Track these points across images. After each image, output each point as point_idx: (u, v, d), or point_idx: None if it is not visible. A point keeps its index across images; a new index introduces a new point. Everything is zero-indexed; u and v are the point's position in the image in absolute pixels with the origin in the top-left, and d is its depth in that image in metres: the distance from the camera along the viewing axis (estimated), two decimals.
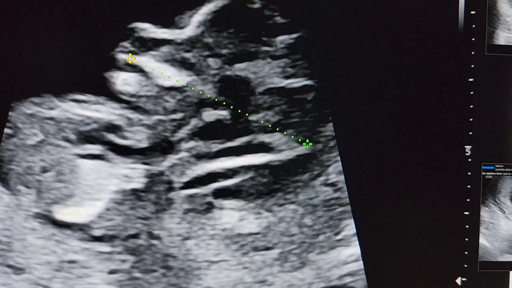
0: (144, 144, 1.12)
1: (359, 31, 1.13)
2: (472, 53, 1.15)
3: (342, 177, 1.15)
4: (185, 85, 1.13)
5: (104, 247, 1.11)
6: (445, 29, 1.14)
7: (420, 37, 1.14)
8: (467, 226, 1.17)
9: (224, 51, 1.13)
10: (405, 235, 1.16)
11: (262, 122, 1.14)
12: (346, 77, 1.14)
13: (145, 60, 1.12)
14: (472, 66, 1.15)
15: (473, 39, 1.15)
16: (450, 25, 1.14)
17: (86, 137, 1.12)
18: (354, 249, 1.15)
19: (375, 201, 1.15)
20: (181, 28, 1.12)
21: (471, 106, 1.16)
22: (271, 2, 1.12)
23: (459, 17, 1.15)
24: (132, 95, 1.12)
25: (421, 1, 1.13)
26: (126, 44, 1.12)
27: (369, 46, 1.14)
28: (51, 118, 1.11)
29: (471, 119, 1.16)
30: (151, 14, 1.11)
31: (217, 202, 1.13)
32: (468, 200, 1.17)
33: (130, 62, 1.12)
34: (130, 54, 1.12)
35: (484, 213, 1.18)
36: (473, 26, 1.15)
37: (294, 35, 1.13)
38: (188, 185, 1.13)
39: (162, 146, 1.13)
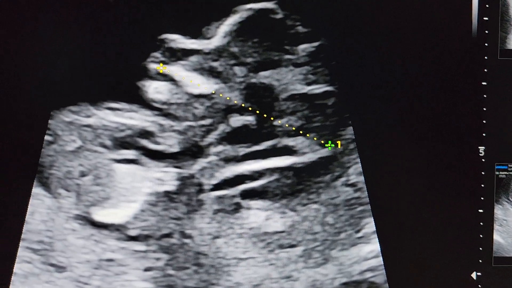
0: (175, 149, 1.16)
1: (376, 39, 1.16)
2: (485, 57, 1.17)
3: (362, 178, 1.17)
4: (213, 92, 1.17)
5: (139, 246, 1.15)
6: (459, 35, 1.16)
7: (435, 43, 1.16)
8: (481, 223, 1.19)
9: (249, 60, 1.16)
10: (422, 232, 1.18)
11: (286, 126, 1.18)
12: (365, 83, 1.17)
13: (175, 70, 1.16)
14: (485, 70, 1.17)
15: (486, 44, 1.17)
16: (464, 31, 1.16)
17: (121, 143, 1.16)
18: (374, 246, 1.17)
19: (394, 200, 1.18)
20: (209, 38, 1.16)
21: (484, 109, 1.18)
22: (293, 13, 1.15)
23: (473, 24, 1.16)
24: (164, 103, 1.16)
25: (436, 10, 1.15)
26: (157, 54, 1.15)
27: (386, 53, 1.16)
28: (88, 126, 1.15)
29: (484, 121, 1.18)
30: (180, 25, 1.15)
31: (245, 203, 1.17)
32: (482, 198, 1.19)
33: (161, 72, 1.15)
34: (161, 64, 1.15)
35: (498, 211, 1.20)
36: (486, 32, 1.17)
37: (315, 44, 1.16)
38: (217, 187, 1.16)
39: (192, 151, 1.16)
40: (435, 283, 1.19)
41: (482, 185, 1.19)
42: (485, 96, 1.18)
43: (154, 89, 1.16)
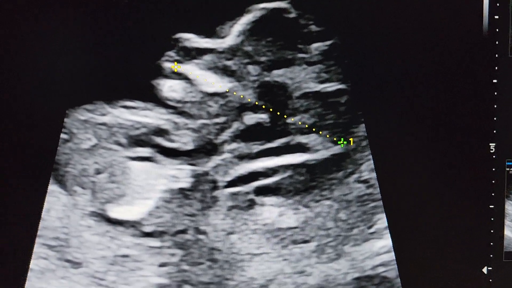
0: (190, 147, 1.17)
1: (387, 37, 1.17)
2: (496, 55, 1.18)
3: (374, 174, 1.18)
4: (227, 90, 1.18)
5: (154, 242, 1.17)
6: (471, 34, 1.17)
7: (447, 42, 1.17)
8: (492, 219, 1.20)
9: (263, 59, 1.17)
10: (434, 227, 1.19)
11: (299, 124, 1.19)
12: (377, 81, 1.17)
13: (190, 68, 1.17)
14: (496, 68, 1.18)
15: (497, 43, 1.18)
16: (475, 30, 1.17)
17: (136, 141, 1.17)
18: (386, 241, 1.18)
19: (405, 196, 1.19)
20: (223, 37, 1.16)
21: (495, 106, 1.18)
22: (306, 12, 1.16)
23: (484, 22, 1.17)
24: (178, 101, 1.17)
25: (447, 8, 1.16)
26: (171, 53, 1.16)
27: (397, 52, 1.17)
28: (103, 124, 1.17)
29: (495, 118, 1.19)
30: (194, 25, 1.16)
31: (258, 199, 1.18)
32: (493, 194, 1.20)
33: (175, 70, 1.16)
34: (176, 63, 1.16)
35: (509, 206, 1.20)
36: (497, 30, 1.17)
37: (328, 42, 1.17)
38: (231, 183, 1.18)
39: (207, 148, 1.17)
40: (447, 278, 1.21)
41: (493, 181, 1.20)
42: (495, 93, 1.19)
43: (169, 88, 1.17)
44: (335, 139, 1.19)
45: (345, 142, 1.19)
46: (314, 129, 1.18)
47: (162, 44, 1.16)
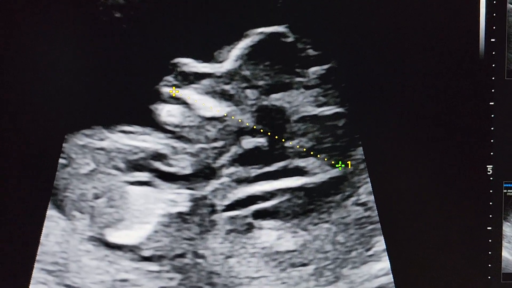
0: (188, 171, 1.17)
1: (384, 60, 1.17)
2: (493, 78, 1.18)
3: (372, 197, 1.18)
4: (225, 115, 1.18)
5: (153, 266, 1.16)
6: (467, 57, 1.17)
7: (444, 65, 1.17)
8: (490, 240, 1.20)
9: (260, 83, 1.17)
10: (432, 249, 1.19)
11: (297, 147, 1.18)
12: (374, 104, 1.17)
13: (188, 93, 1.16)
14: (493, 90, 1.18)
15: (493, 65, 1.18)
16: (471, 53, 1.17)
17: (135, 165, 1.17)
18: (384, 264, 1.18)
19: (403, 219, 1.18)
20: (220, 62, 1.16)
21: (492, 128, 1.19)
22: (303, 36, 1.16)
23: (480, 45, 1.17)
24: (176, 126, 1.17)
25: (444, 31, 1.16)
26: (169, 78, 1.16)
27: (394, 75, 1.17)
28: (102, 149, 1.16)
29: (492, 140, 1.19)
30: (192, 50, 1.15)
31: (257, 223, 1.18)
32: (490, 216, 1.20)
33: (173, 95, 1.16)
34: (174, 88, 1.16)
35: (506, 228, 1.20)
36: (493, 53, 1.18)
37: (325, 66, 1.17)
38: (229, 207, 1.17)
39: (205, 172, 1.17)
40: None
41: (491, 203, 1.20)
42: (492, 115, 1.19)
43: (167, 112, 1.17)
44: (333, 162, 1.19)
45: (343, 165, 1.19)
46: (312, 153, 1.18)
47: (160, 69, 1.16)
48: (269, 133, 1.18)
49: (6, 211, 1.15)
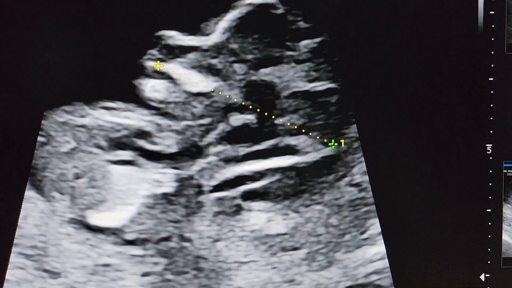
0: (173, 149, 1.15)
1: (380, 34, 1.15)
2: (492, 52, 1.16)
3: (366, 178, 1.17)
4: (212, 90, 1.15)
5: (137, 251, 1.14)
6: (465, 30, 1.15)
7: (441, 38, 1.15)
8: (489, 223, 1.19)
9: (249, 57, 1.15)
10: (429, 233, 1.18)
11: (288, 125, 1.16)
12: (369, 79, 1.16)
13: (173, 67, 1.15)
14: (492, 65, 1.16)
15: (492, 39, 1.16)
16: (469, 26, 1.16)
17: (117, 144, 1.15)
18: (379, 248, 1.17)
19: (399, 201, 1.17)
20: (207, 35, 1.14)
21: (492, 105, 1.17)
22: (294, 7, 1.14)
23: (479, 18, 1.16)
24: (161, 102, 1.15)
25: (442, 4, 1.15)
26: (154, 51, 1.14)
27: (390, 49, 1.15)
28: (83, 126, 1.14)
29: (491, 118, 1.17)
30: (178, 22, 1.14)
31: (246, 204, 1.16)
32: (490, 197, 1.18)
33: (158, 69, 1.14)
34: (158, 62, 1.14)
35: (506, 210, 1.19)
36: (493, 26, 1.16)
37: (317, 39, 1.15)
38: (217, 188, 1.15)
39: (191, 151, 1.15)
40: (443, 286, 1.19)
41: (490, 184, 1.19)
42: (492, 92, 1.17)
43: (151, 88, 1.15)
44: (325, 140, 1.17)
45: (336, 144, 1.17)
46: (303, 130, 1.16)
47: (144, 42, 1.14)
48: (258, 110, 1.16)
49: None
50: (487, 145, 1.18)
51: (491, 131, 1.18)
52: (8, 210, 1.13)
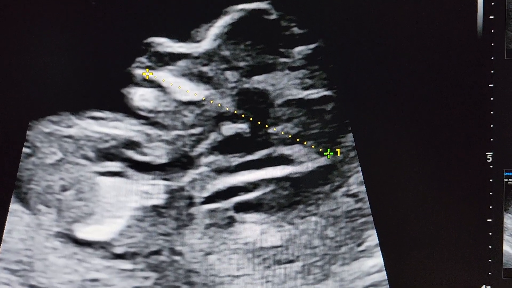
0: (163, 160, 1.13)
1: (376, 40, 1.14)
2: (492, 58, 1.15)
3: (363, 188, 1.15)
4: (203, 99, 1.13)
5: (126, 265, 1.12)
6: (464, 35, 1.14)
7: (439, 44, 1.14)
8: (490, 234, 1.18)
9: (241, 64, 1.13)
10: (428, 244, 1.17)
11: (282, 134, 1.14)
12: (365, 87, 1.14)
13: (163, 75, 1.12)
14: (492, 71, 1.15)
15: (492, 44, 1.15)
16: (469, 31, 1.14)
17: (105, 154, 1.12)
18: (377, 260, 1.15)
19: (397, 211, 1.16)
20: (198, 41, 1.12)
21: (492, 112, 1.16)
22: (288, 13, 1.12)
23: (478, 23, 1.14)
24: (150, 111, 1.13)
25: (440, 8, 1.13)
26: (142, 59, 1.12)
27: (387, 55, 1.14)
28: (70, 136, 1.12)
29: (492, 125, 1.16)
30: (167, 28, 1.12)
31: (239, 216, 1.14)
32: (490, 207, 1.17)
33: (147, 78, 1.12)
34: (147, 69, 1.12)
35: (507, 220, 1.18)
36: (492, 31, 1.14)
37: (312, 46, 1.13)
38: (209, 199, 1.13)
39: (182, 162, 1.13)
40: None
41: (491, 193, 1.18)
42: (492, 99, 1.16)
43: (140, 97, 1.12)
44: (320, 150, 1.15)
45: (331, 153, 1.15)
46: (298, 140, 1.14)
47: (132, 49, 1.12)
48: (251, 119, 1.14)
49: None
50: (487, 153, 1.17)
51: (491, 139, 1.17)
52: None
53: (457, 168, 1.16)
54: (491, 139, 1.16)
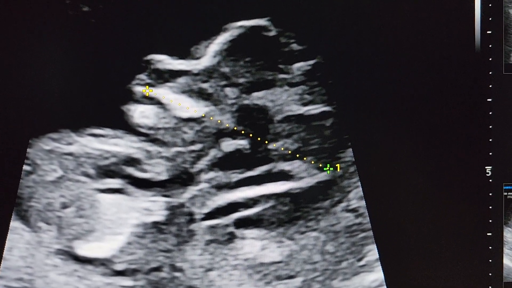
0: (163, 177, 1.13)
1: (375, 55, 1.14)
2: (490, 73, 1.15)
3: (363, 203, 1.15)
4: (203, 115, 1.13)
5: (127, 281, 1.12)
6: (462, 50, 1.15)
7: (438, 60, 1.14)
8: (490, 247, 1.17)
9: (241, 80, 1.13)
10: (428, 258, 1.16)
11: (281, 150, 1.14)
12: (364, 102, 1.15)
13: (162, 92, 1.13)
14: (490, 86, 1.15)
15: (490, 59, 1.15)
16: (467, 46, 1.15)
17: (106, 172, 1.12)
18: (377, 275, 1.15)
19: (397, 226, 1.16)
20: (197, 58, 1.13)
21: (490, 127, 1.16)
22: (287, 29, 1.13)
23: (476, 38, 1.15)
24: (150, 128, 1.13)
25: (438, 24, 1.14)
26: (142, 76, 1.13)
27: (386, 71, 1.14)
28: (70, 154, 1.12)
29: (490, 140, 1.16)
30: (167, 45, 1.12)
31: (239, 232, 1.14)
32: (490, 221, 1.17)
33: (147, 95, 1.13)
34: (147, 87, 1.13)
35: (507, 234, 1.18)
36: (490, 46, 1.15)
37: (311, 62, 1.14)
38: (209, 216, 1.13)
39: (182, 178, 1.13)
40: None
41: (490, 207, 1.17)
42: (490, 113, 1.16)
43: (140, 113, 1.13)
44: (320, 165, 1.15)
45: (331, 169, 1.15)
46: (297, 155, 1.15)
47: (132, 66, 1.12)
48: (251, 135, 1.14)
49: None
50: (486, 167, 1.17)
51: (490, 153, 1.16)
52: None
53: (456, 182, 1.16)
54: (490, 153, 1.16)
